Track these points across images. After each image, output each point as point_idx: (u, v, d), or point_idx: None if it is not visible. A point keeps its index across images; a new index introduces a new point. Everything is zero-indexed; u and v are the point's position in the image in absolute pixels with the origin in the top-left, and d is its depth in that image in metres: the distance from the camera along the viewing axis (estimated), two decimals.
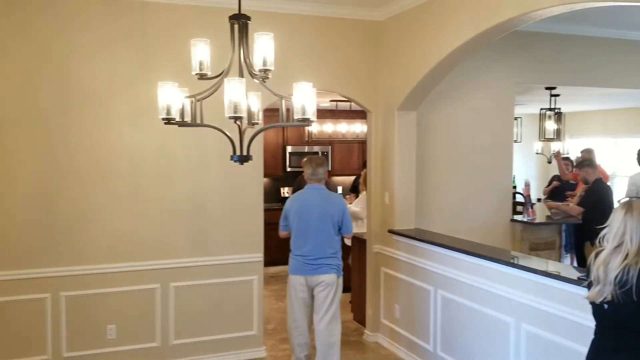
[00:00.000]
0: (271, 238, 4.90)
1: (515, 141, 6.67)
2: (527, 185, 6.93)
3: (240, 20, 2.73)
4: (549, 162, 9.18)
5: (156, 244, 4.64)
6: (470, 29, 4.01)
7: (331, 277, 4.25)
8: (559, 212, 6.57)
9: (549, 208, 6.85)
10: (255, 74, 2.72)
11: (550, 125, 8.03)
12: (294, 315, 4.34)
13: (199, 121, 2.75)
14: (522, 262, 3.77)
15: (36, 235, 4.33)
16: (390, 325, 5.20)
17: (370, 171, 5.43)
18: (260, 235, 4.98)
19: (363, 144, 8.97)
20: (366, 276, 5.52)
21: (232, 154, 2.81)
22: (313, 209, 4.27)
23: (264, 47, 2.64)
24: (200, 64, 2.71)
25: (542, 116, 8.06)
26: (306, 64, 4.85)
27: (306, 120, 2.54)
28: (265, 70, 2.67)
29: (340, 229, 4.33)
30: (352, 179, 9.31)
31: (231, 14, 2.74)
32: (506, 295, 3.74)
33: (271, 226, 4.53)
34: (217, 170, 4.76)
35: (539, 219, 6.39)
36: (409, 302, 4.88)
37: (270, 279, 7.48)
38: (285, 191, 9.35)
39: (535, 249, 6.10)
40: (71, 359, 4.45)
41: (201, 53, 2.71)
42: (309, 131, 9.04)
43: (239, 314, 4.92)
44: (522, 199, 6.90)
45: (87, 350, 4.47)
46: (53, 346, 4.39)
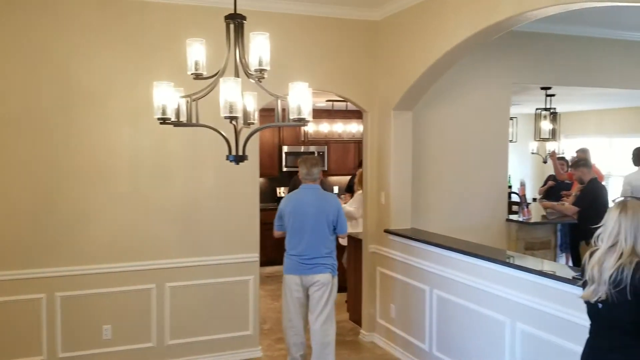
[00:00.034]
0: (267, 238, 4.90)
1: (511, 141, 6.67)
2: (523, 185, 6.94)
3: (235, 20, 2.72)
4: (545, 162, 9.19)
5: (152, 244, 4.63)
6: (466, 29, 4.02)
7: (326, 277, 4.26)
8: (554, 212, 6.59)
9: (544, 208, 6.87)
10: (251, 74, 2.72)
11: (546, 125, 8.05)
12: (289, 315, 4.34)
13: (194, 121, 2.75)
14: (518, 262, 3.78)
15: (32, 235, 4.31)
16: (386, 325, 5.20)
17: (366, 171, 5.44)
18: (256, 235, 4.97)
19: (359, 144, 8.98)
20: (362, 276, 5.52)
21: (228, 154, 2.81)
22: (308, 209, 4.27)
23: (259, 47, 2.64)
24: (196, 63, 2.70)
25: (538, 116, 8.08)
26: (302, 63, 4.85)
27: (302, 120, 2.54)
28: (261, 70, 2.67)
29: (335, 228, 4.34)
30: (348, 178, 9.31)
31: (227, 13, 2.74)
32: (502, 295, 3.75)
33: (267, 226, 4.54)
34: (213, 170, 4.75)
35: (535, 218, 6.40)
36: (405, 302, 4.89)
37: (266, 279, 7.48)
38: (282, 191, 9.34)
39: (530, 248, 6.12)
40: None
41: (197, 53, 2.71)
42: (305, 131, 9.04)
43: (234, 314, 4.92)
44: (518, 199, 6.91)
45: (83, 351, 4.46)
46: (48, 346, 4.38)
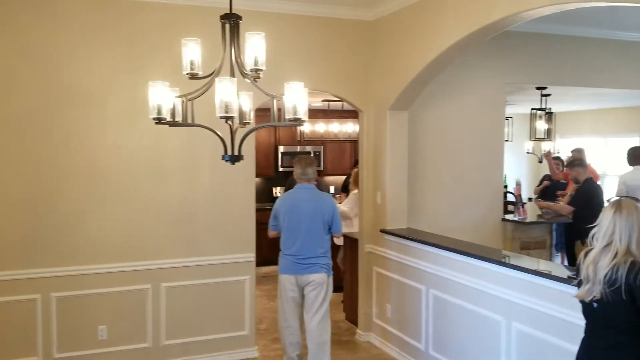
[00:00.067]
0: (263, 238, 4.89)
1: (507, 141, 6.70)
2: (518, 184, 6.97)
3: (231, 20, 2.72)
4: (540, 162, 9.23)
5: (147, 244, 4.62)
6: (461, 29, 4.02)
7: (321, 277, 4.26)
8: (550, 212, 6.61)
9: (540, 207, 6.89)
10: (246, 74, 2.71)
11: (541, 125, 8.08)
12: (285, 314, 4.34)
13: (190, 121, 2.74)
14: (513, 261, 3.79)
15: (27, 235, 4.30)
16: (382, 324, 5.21)
17: (362, 171, 5.44)
18: (252, 235, 4.97)
19: (355, 144, 8.97)
20: (358, 276, 5.52)
21: (224, 154, 2.81)
22: (304, 209, 4.27)
23: (255, 47, 2.64)
24: (191, 63, 2.69)
25: (533, 116, 8.11)
26: (298, 63, 4.85)
27: (298, 120, 2.54)
28: (257, 70, 2.67)
29: (330, 228, 4.34)
30: (344, 178, 9.32)
31: (222, 13, 2.74)
32: (497, 294, 3.75)
33: (263, 226, 4.53)
34: (209, 170, 4.75)
35: (530, 218, 6.42)
36: (401, 302, 4.89)
37: (262, 279, 7.48)
38: (278, 191, 9.34)
39: (526, 248, 6.14)
40: None
41: (192, 52, 2.70)
42: (301, 131, 9.04)
43: (230, 314, 4.91)
44: (513, 199, 6.93)
45: (78, 351, 4.45)
46: (44, 347, 4.37)
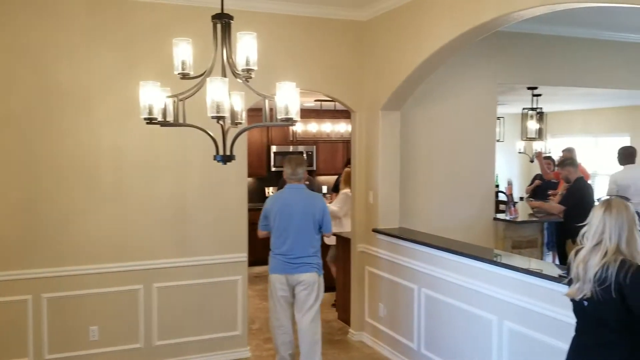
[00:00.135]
0: (256, 238, 4.88)
1: (498, 140, 6.73)
2: (510, 184, 6.99)
3: (223, 20, 2.71)
4: (531, 161, 9.27)
5: (139, 245, 4.60)
6: (453, 30, 4.03)
7: (312, 276, 4.27)
8: (541, 211, 6.64)
9: (532, 207, 6.92)
10: (238, 74, 2.71)
11: (532, 125, 8.11)
12: (276, 314, 4.34)
13: (181, 121, 2.73)
14: (505, 261, 3.81)
15: (17, 236, 4.27)
16: (375, 324, 5.21)
17: (354, 171, 5.44)
18: (244, 235, 4.96)
19: (347, 144, 8.98)
20: (351, 275, 5.53)
21: (216, 154, 2.80)
22: (295, 209, 4.28)
23: (246, 47, 2.63)
24: (183, 63, 2.69)
25: (524, 116, 8.14)
26: (290, 63, 4.84)
27: (289, 120, 2.54)
28: (248, 70, 2.66)
29: (320, 227, 4.35)
30: (336, 178, 9.32)
31: (214, 13, 2.73)
32: (489, 293, 3.77)
33: (256, 226, 4.52)
34: (201, 170, 4.73)
35: (522, 217, 6.45)
36: (393, 301, 4.90)
37: (255, 279, 7.47)
38: (270, 191, 9.33)
39: (517, 247, 6.17)
40: None
41: (183, 52, 2.70)
42: (293, 131, 9.04)
43: (223, 314, 4.90)
44: (505, 198, 6.96)
45: (69, 352, 4.43)
46: (34, 348, 4.34)
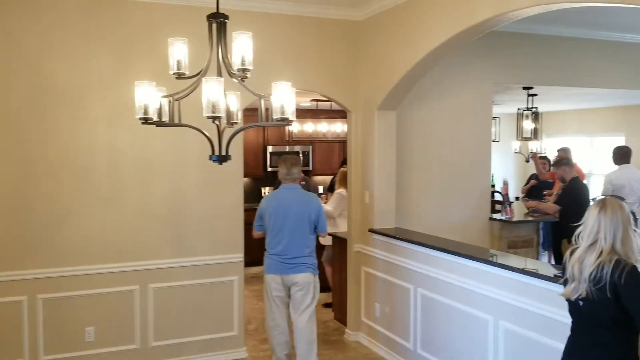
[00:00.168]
0: (252, 238, 4.88)
1: (494, 140, 6.74)
2: (506, 184, 7.01)
3: (218, 19, 2.71)
4: (527, 161, 9.29)
5: (134, 245, 4.59)
6: (448, 29, 4.04)
7: (308, 276, 4.27)
8: (537, 211, 6.65)
9: (527, 207, 6.94)
10: (233, 74, 2.71)
11: (528, 125, 8.13)
12: (272, 314, 4.34)
13: (177, 121, 2.73)
14: (501, 260, 3.81)
15: (12, 236, 4.25)
16: (371, 324, 5.21)
17: (350, 170, 5.44)
18: (240, 236, 4.95)
19: (344, 144, 8.99)
20: (347, 275, 5.53)
21: (211, 154, 2.80)
22: (290, 209, 4.28)
23: (242, 47, 2.64)
24: (178, 63, 2.69)
25: (520, 116, 8.16)
26: (286, 63, 4.84)
27: (285, 120, 2.54)
28: (244, 70, 2.67)
29: (316, 227, 4.35)
30: (331, 178, 9.32)
31: (209, 12, 2.73)
32: (485, 293, 3.77)
33: (251, 226, 4.53)
34: (197, 170, 4.72)
35: (517, 217, 6.46)
36: (389, 301, 4.91)
37: (251, 280, 7.46)
38: (266, 191, 9.32)
39: (513, 246, 6.18)
40: None
41: (179, 52, 2.70)
42: (289, 131, 9.04)
43: (219, 315, 4.89)
44: (501, 198, 6.97)
45: (65, 353, 4.41)
46: (30, 350, 4.32)
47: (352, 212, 5.40)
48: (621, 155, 6.49)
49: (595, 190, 8.50)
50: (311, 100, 8.22)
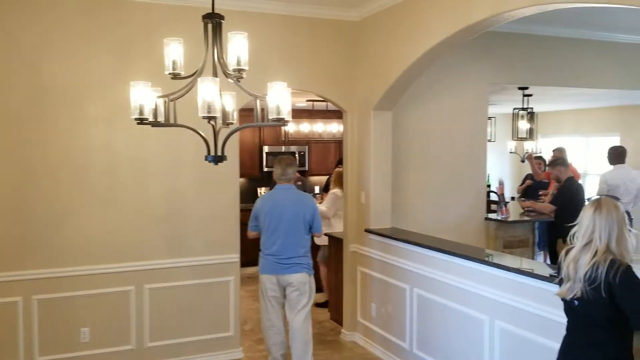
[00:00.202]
0: (248, 239, 4.87)
1: (489, 140, 6.75)
2: (501, 184, 7.02)
3: (213, 20, 2.71)
4: (523, 161, 9.31)
5: (130, 246, 4.58)
6: (444, 30, 4.04)
7: (303, 276, 4.27)
8: (532, 210, 6.67)
9: (523, 207, 6.95)
10: (229, 74, 2.70)
11: (523, 125, 8.14)
12: (268, 314, 4.35)
13: (172, 121, 2.73)
14: (496, 260, 3.82)
15: (7, 237, 4.23)
16: (367, 324, 5.22)
17: (346, 171, 5.44)
18: (236, 236, 4.95)
19: (340, 144, 8.98)
20: (343, 275, 5.53)
21: (207, 154, 2.80)
22: (285, 209, 4.28)
23: (237, 47, 2.63)
24: (174, 63, 2.69)
25: (515, 116, 8.17)
26: (282, 63, 4.83)
27: (281, 120, 2.54)
28: (240, 70, 2.66)
29: (311, 228, 4.36)
30: (327, 178, 9.31)
31: (205, 13, 2.73)
32: (481, 293, 3.78)
33: (248, 226, 4.54)
34: (192, 171, 4.72)
35: (513, 217, 6.47)
36: (385, 301, 4.91)
37: (247, 280, 7.45)
38: (262, 191, 9.32)
39: (509, 246, 6.19)
40: None
41: (174, 52, 2.69)
42: (285, 131, 9.03)
43: (215, 315, 4.89)
44: (496, 198, 6.98)
45: (60, 354, 4.40)
46: (25, 351, 4.31)
47: (348, 212, 5.40)
48: (616, 155, 6.51)
49: (591, 190, 8.52)
50: (307, 100, 8.21)
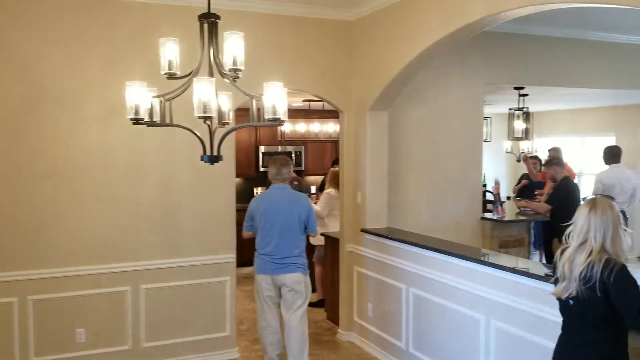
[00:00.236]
0: (243, 239, 4.88)
1: (485, 140, 6.76)
2: (497, 183, 7.04)
3: (209, 19, 2.71)
4: (518, 161, 9.33)
5: (126, 246, 4.57)
6: (440, 30, 4.05)
7: (298, 276, 4.29)
8: (528, 210, 6.69)
9: (519, 207, 6.97)
10: (225, 74, 2.70)
11: (519, 125, 8.16)
12: (263, 314, 4.36)
13: (168, 121, 2.72)
14: (492, 260, 3.83)
15: (3, 237, 4.22)
16: (363, 323, 5.22)
17: (342, 171, 5.45)
18: (232, 236, 4.94)
19: (336, 144, 8.97)
20: (339, 275, 5.53)
21: (203, 154, 2.79)
22: (280, 209, 4.29)
23: (233, 47, 2.63)
24: (170, 63, 2.68)
25: (511, 116, 8.18)
26: (277, 63, 4.82)
27: (277, 120, 2.54)
28: (236, 70, 2.66)
29: (306, 228, 4.37)
30: (322, 178, 9.31)
31: (201, 12, 2.72)
32: (476, 292, 3.79)
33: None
34: (189, 171, 4.71)
35: (509, 216, 6.49)
36: (382, 301, 4.91)
37: (243, 280, 7.44)
38: (259, 191, 9.31)
39: (504, 246, 6.20)
40: None
41: (170, 52, 2.69)
42: (281, 131, 9.03)
43: (211, 315, 4.88)
44: (492, 197, 7.00)
45: (56, 355, 4.38)
46: (20, 351, 4.29)
47: (345, 212, 5.40)
48: (611, 155, 6.54)
49: (586, 189, 8.55)
50: (303, 100, 8.21)
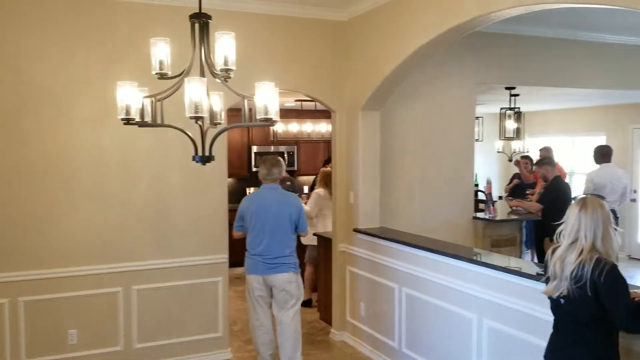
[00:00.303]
0: (233, 239, 4.87)
1: (477, 140, 6.78)
2: (489, 183, 7.06)
3: (201, 19, 2.70)
4: (510, 161, 9.37)
5: (117, 247, 4.55)
6: (432, 30, 4.06)
7: (290, 276, 4.29)
8: (520, 209, 6.71)
9: (511, 206, 6.99)
10: (216, 74, 2.70)
11: (510, 125, 8.19)
12: (256, 314, 4.36)
13: (159, 121, 2.71)
14: (484, 259, 3.85)
15: None
16: (356, 323, 5.22)
17: (335, 171, 5.45)
18: (224, 236, 4.93)
19: (328, 144, 8.97)
20: (332, 275, 5.53)
21: (194, 154, 2.79)
22: (271, 209, 4.29)
23: (225, 47, 2.63)
24: (161, 63, 2.67)
25: (503, 115, 8.21)
26: (269, 63, 4.82)
27: (269, 120, 2.53)
28: (227, 70, 2.66)
29: (297, 227, 4.37)
30: (313, 178, 9.31)
31: (192, 12, 2.72)
32: (469, 292, 3.80)
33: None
34: (180, 171, 4.70)
35: (500, 216, 6.51)
36: (374, 300, 4.92)
37: (236, 280, 7.43)
38: (251, 191, 9.29)
39: (496, 245, 6.23)
40: None
41: (161, 52, 2.68)
42: (274, 131, 9.02)
43: (204, 316, 4.87)
44: (484, 197, 7.02)
45: (48, 356, 4.36)
46: (11, 353, 4.26)
47: (337, 212, 5.41)
48: (602, 155, 6.58)
49: (577, 189, 8.59)
50: (295, 100, 8.21)
